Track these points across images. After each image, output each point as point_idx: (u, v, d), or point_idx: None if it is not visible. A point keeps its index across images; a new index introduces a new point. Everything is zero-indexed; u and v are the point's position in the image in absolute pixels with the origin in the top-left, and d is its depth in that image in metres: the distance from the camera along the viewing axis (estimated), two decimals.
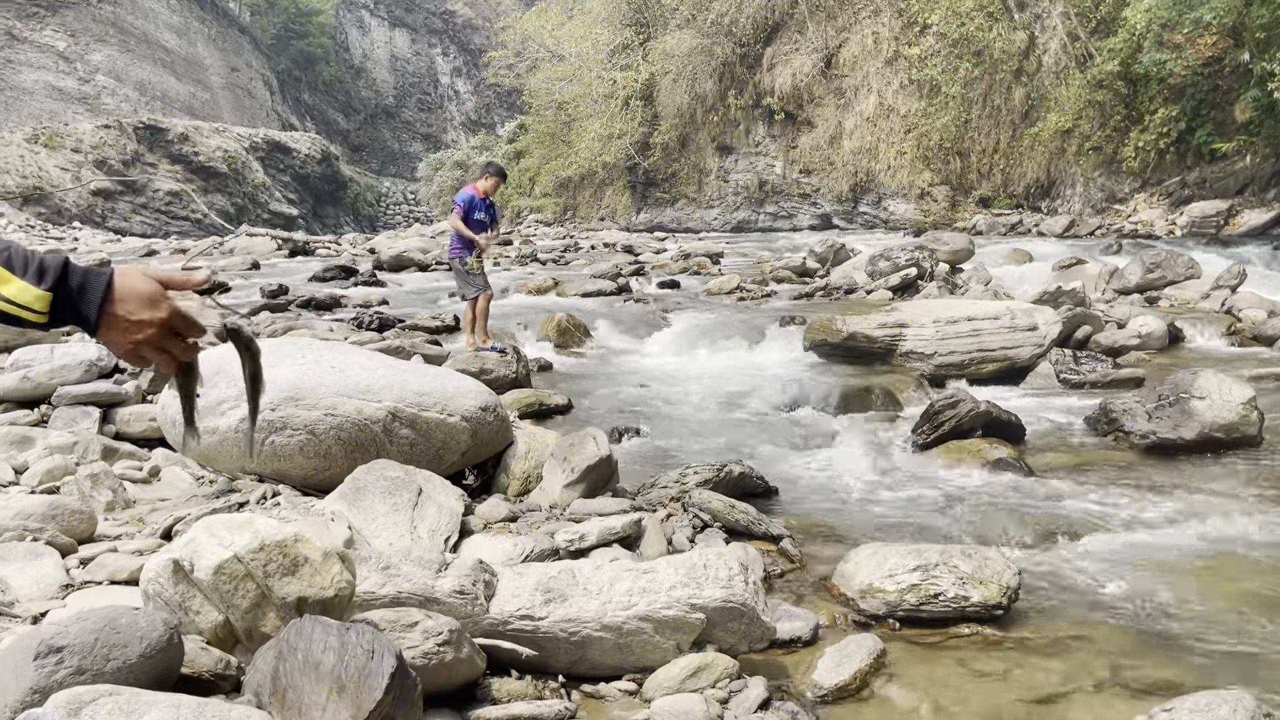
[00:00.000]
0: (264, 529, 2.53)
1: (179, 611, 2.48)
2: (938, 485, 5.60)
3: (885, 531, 4.75)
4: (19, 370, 6.21)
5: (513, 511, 4.74)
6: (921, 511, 5.08)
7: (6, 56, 49.76)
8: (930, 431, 6.39)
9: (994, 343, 9.11)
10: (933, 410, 6.47)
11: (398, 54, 76.91)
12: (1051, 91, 25.84)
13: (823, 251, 17.32)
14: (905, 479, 5.78)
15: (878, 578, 3.75)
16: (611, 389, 8.46)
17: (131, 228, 45.68)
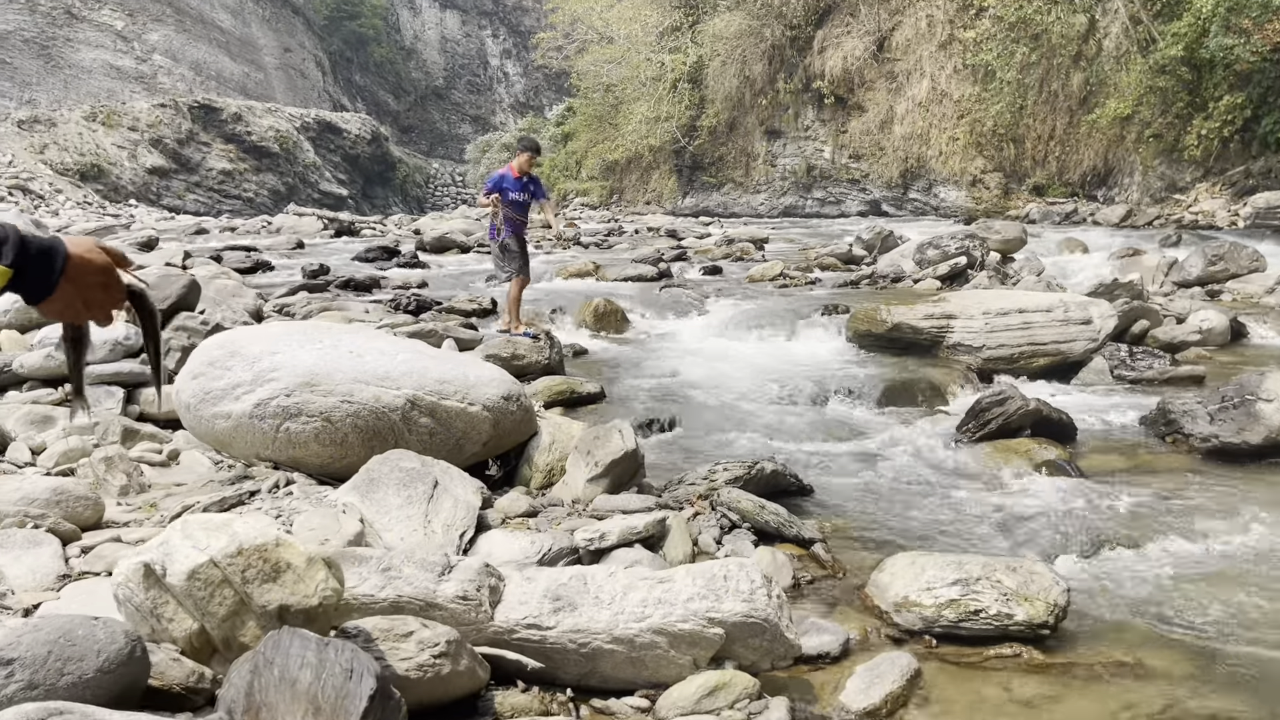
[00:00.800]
0: (243, 532, 2.35)
1: (150, 619, 2.32)
2: (982, 487, 5.31)
3: (925, 537, 4.49)
4: (44, 348, 6.14)
5: (533, 506, 4.55)
6: (964, 516, 4.81)
7: (66, 35, 50.55)
8: (976, 430, 6.10)
9: (1046, 336, 8.76)
10: (979, 407, 6.18)
11: (448, 35, 77.04)
12: (1111, 77, 25.06)
13: (869, 238, 16.91)
14: (948, 480, 5.50)
15: (914, 590, 3.51)
16: (646, 377, 8.24)
17: (185, 205, 46.34)
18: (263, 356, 4.59)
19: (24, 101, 46.52)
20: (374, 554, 3.03)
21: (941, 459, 5.93)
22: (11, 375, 5.97)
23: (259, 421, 4.52)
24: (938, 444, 6.23)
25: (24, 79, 48.23)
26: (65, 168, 42.61)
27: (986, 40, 27.56)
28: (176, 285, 7.19)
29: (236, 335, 4.89)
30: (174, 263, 14.18)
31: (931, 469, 5.72)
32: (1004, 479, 5.45)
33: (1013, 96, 27.12)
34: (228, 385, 4.58)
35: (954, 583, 3.46)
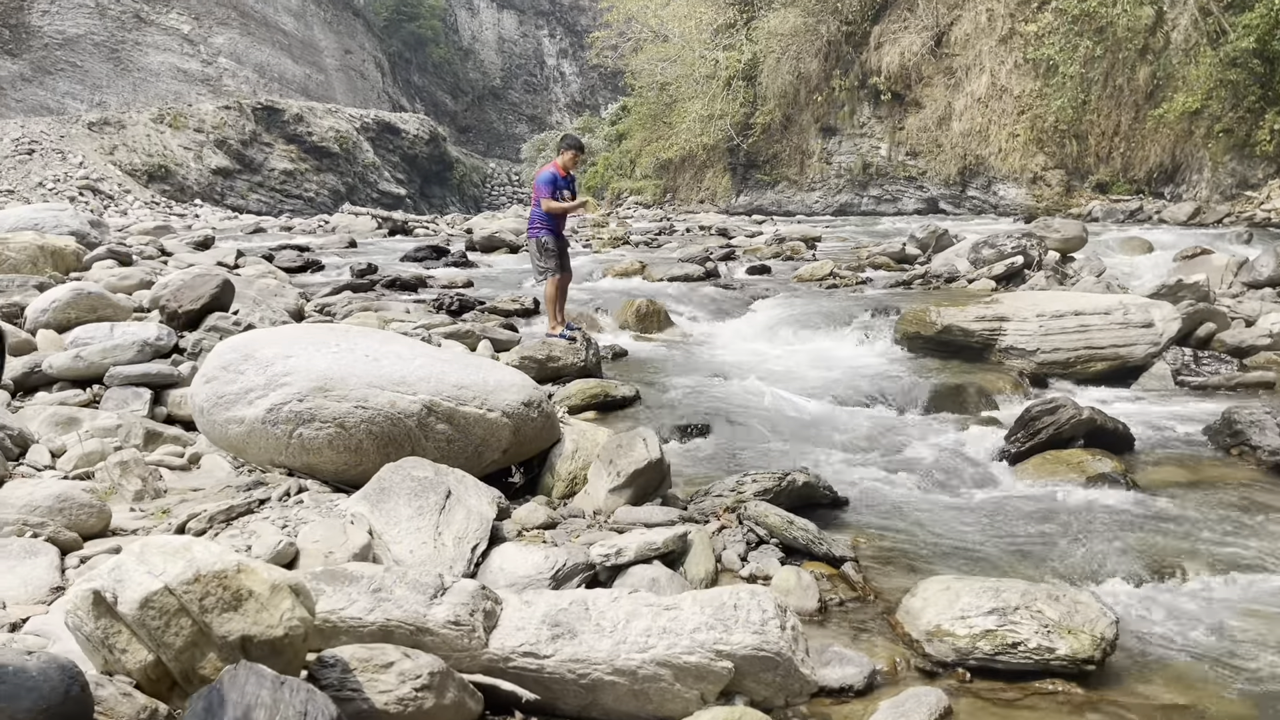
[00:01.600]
0: (201, 557, 2.21)
1: (102, 649, 2.19)
2: (1029, 502, 5.01)
3: (963, 556, 4.22)
4: (74, 349, 6.13)
5: (551, 518, 4.37)
6: (1008, 534, 4.52)
7: (135, 39, 51.79)
8: (1025, 439, 5.79)
9: (1104, 339, 8.38)
10: (1029, 416, 5.86)
11: (505, 35, 77.48)
12: (1179, 70, 24.20)
13: (923, 237, 16.47)
14: (993, 494, 5.21)
15: (947, 618, 3.26)
16: (685, 380, 8.03)
17: (248, 205, 47.17)
18: (276, 360, 4.48)
19: (94, 104, 47.73)
20: (366, 573, 2.87)
21: (987, 470, 5.63)
22: (42, 376, 5.96)
23: (272, 427, 4.41)
24: (984, 454, 5.93)
25: (94, 82, 49.49)
26: (134, 168, 43.61)
27: (1049, 34, 26.82)
28: (209, 285, 7.16)
29: (251, 338, 4.79)
30: (225, 261, 14.33)
31: (975, 481, 5.42)
32: (1052, 493, 5.14)
33: (1076, 91, 26.35)
34: (241, 390, 4.47)
35: (990, 611, 3.20)
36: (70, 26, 48.46)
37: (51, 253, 11.64)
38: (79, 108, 46.68)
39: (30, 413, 5.43)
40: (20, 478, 4.55)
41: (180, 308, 7.11)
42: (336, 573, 2.85)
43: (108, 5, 50.17)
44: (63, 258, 11.69)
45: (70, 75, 48.29)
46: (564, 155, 8.84)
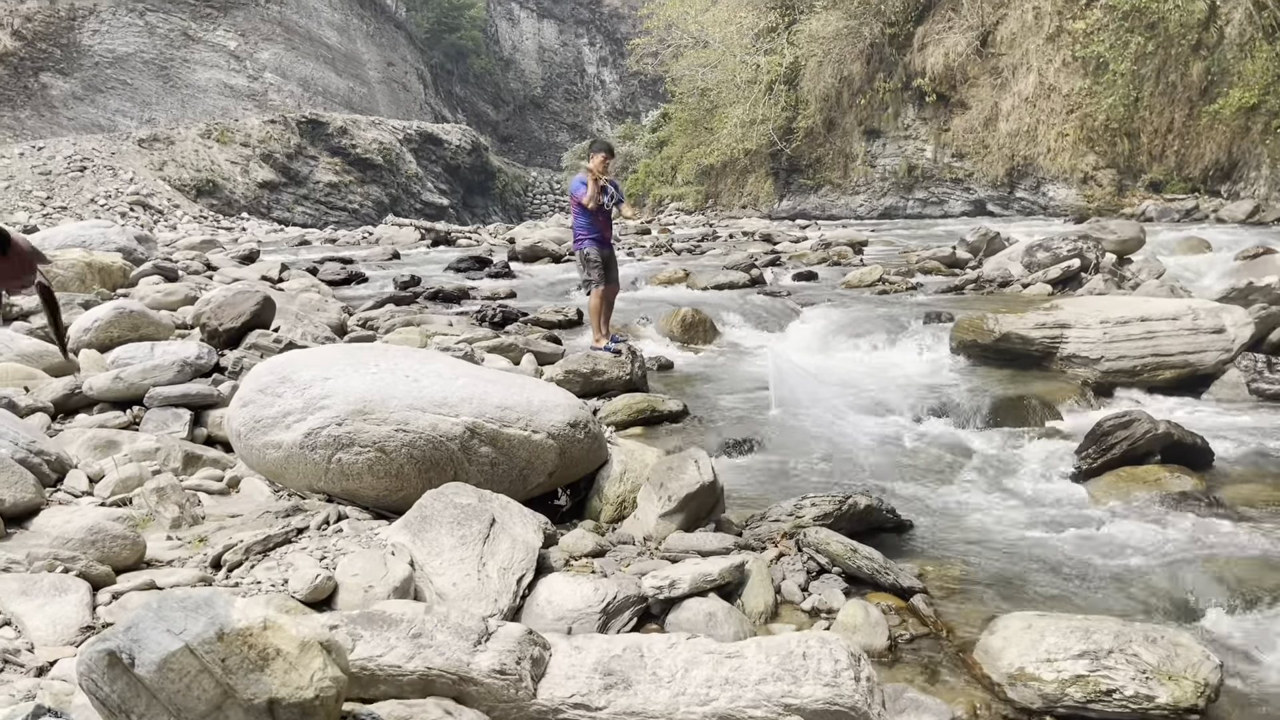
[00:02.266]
0: (224, 614, 2.04)
1: (119, 715, 2.02)
2: (1106, 524, 4.71)
3: (1038, 586, 3.94)
4: (114, 369, 6.05)
5: (600, 545, 4.16)
6: (1085, 560, 4.24)
7: (184, 56, 52.65)
8: (1097, 455, 5.48)
9: (1172, 346, 8.01)
10: (1101, 430, 5.56)
11: (545, 45, 77.78)
12: (1235, 65, 23.51)
13: (974, 241, 16.09)
14: (1066, 514, 4.91)
15: (1032, 660, 3.00)
16: (733, 392, 7.80)
17: (294, 218, 47.68)
18: (314, 382, 4.33)
19: (144, 121, 48.54)
20: (406, 616, 2.69)
21: (1057, 489, 5.34)
22: (82, 397, 5.88)
23: (310, 452, 4.26)
24: (1053, 471, 5.64)
25: (144, 99, 50.36)
26: (182, 184, 44.25)
27: (1098, 31, 26.21)
28: (249, 303, 7.07)
29: (288, 359, 4.64)
30: (269, 275, 14.36)
31: (1046, 501, 5.14)
32: (1130, 514, 4.84)
33: (1126, 89, 25.72)
34: (278, 413, 4.32)
35: (1080, 655, 2.94)
36: (120, 45, 49.38)
37: (99, 269, 11.70)
38: (129, 125, 47.51)
39: (70, 435, 5.34)
40: (57, 505, 4.44)
41: (221, 325, 7.03)
42: (374, 616, 2.67)
43: (156, 24, 51.05)
44: (110, 274, 11.75)
45: (121, 93, 49.18)
46: (594, 159, 8.68)
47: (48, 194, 37.26)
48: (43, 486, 4.51)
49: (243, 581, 3.55)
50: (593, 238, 8.64)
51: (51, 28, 46.62)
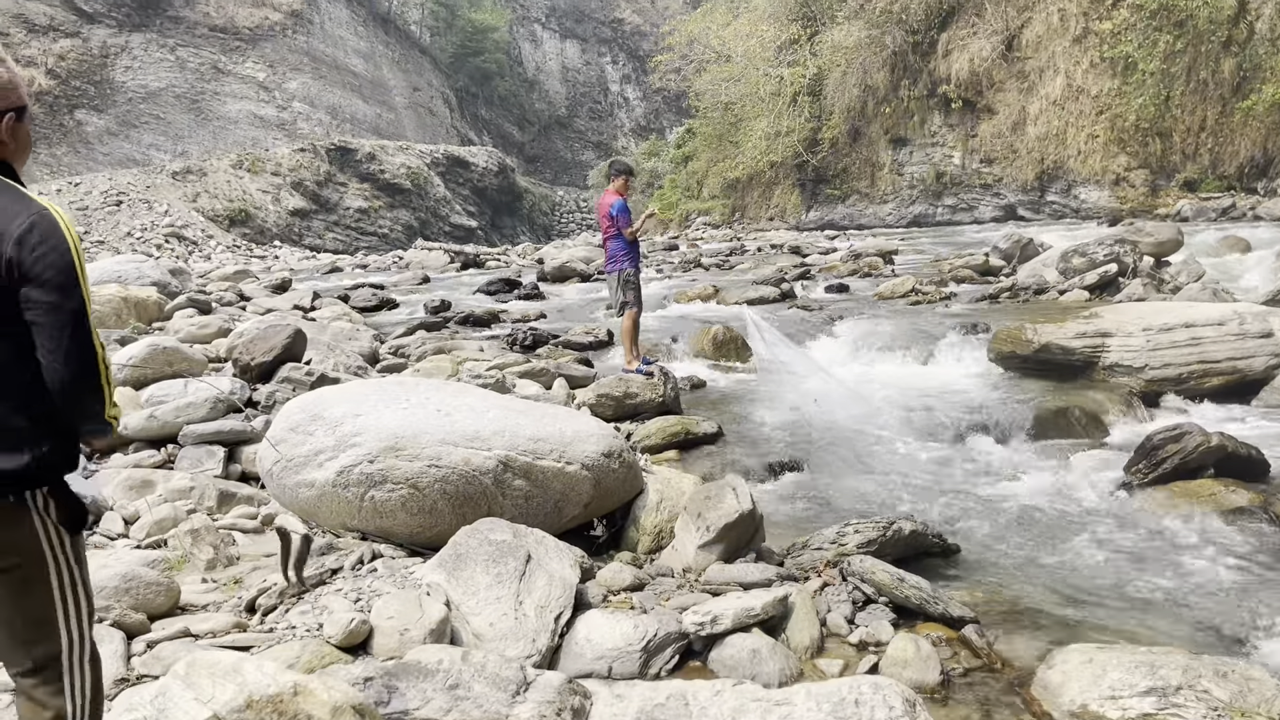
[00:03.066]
0: (254, 679, 1.97)
1: None
2: (1161, 543, 4.56)
3: (1099, 615, 3.79)
4: (148, 408, 6.05)
5: (638, 578, 4.06)
6: (1143, 583, 4.09)
7: (214, 89, 53.48)
8: (1148, 470, 5.32)
9: (1218, 352, 7.82)
10: (1151, 444, 5.39)
11: (569, 65, 78.23)
12: (1267, 60, 23.14)
13: (1007, 247, 15.86)
14: (1118, 533, 4.76)
15: (1094, 697, 2.87)
16: (768, 412, 7.68)
17: (325, 244, 48.14)
18: (345, 420, 4.28)
19: (177, 153, 49.30)
20: (443, 665, 2.61)
21: (1107, 506, 5.18)
22: (118, 437, 5.88)
23: (343, 490, 4.20)
24: (1102, 488, 5.48)
25: (176, 132, 51.16)
26: (215, 214, 44.81)
27: (1125, 31, 25.89)
28: (280, 337, 7.06)
29: (318, 397, 4.60)
30: (301, 304, 14.44)
31: (1096, 520, 4.98)
32: (1186, 532, 4.68)
33: (1157, 88, 25.36)
34: (310, 451, 4.27)
35: (1147, 691, 2.80)
36: (153, 80, 50.24)
37: (135, 304, 11.80)
38: (163, 158, 48.25)
39: (105, 476, 5.33)
40: (94, 549, 4.42)
41: (253, 360, 7.02)
42: (410, 666, 2.60)
43: (187, 58, 51.90)
44: (145, 308, 11.85)
45: (154, 127, 50.00)
46: (616, 181, 8.63)
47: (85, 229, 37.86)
48: None
49: (277, 627, 3.50)
50: (630, 258, 8.55)
51: (85, 66, 47.52)
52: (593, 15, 77.55)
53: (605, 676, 3.31)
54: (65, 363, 2.00)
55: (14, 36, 45.26)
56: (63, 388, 2.03)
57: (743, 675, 3.26)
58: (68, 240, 2.02)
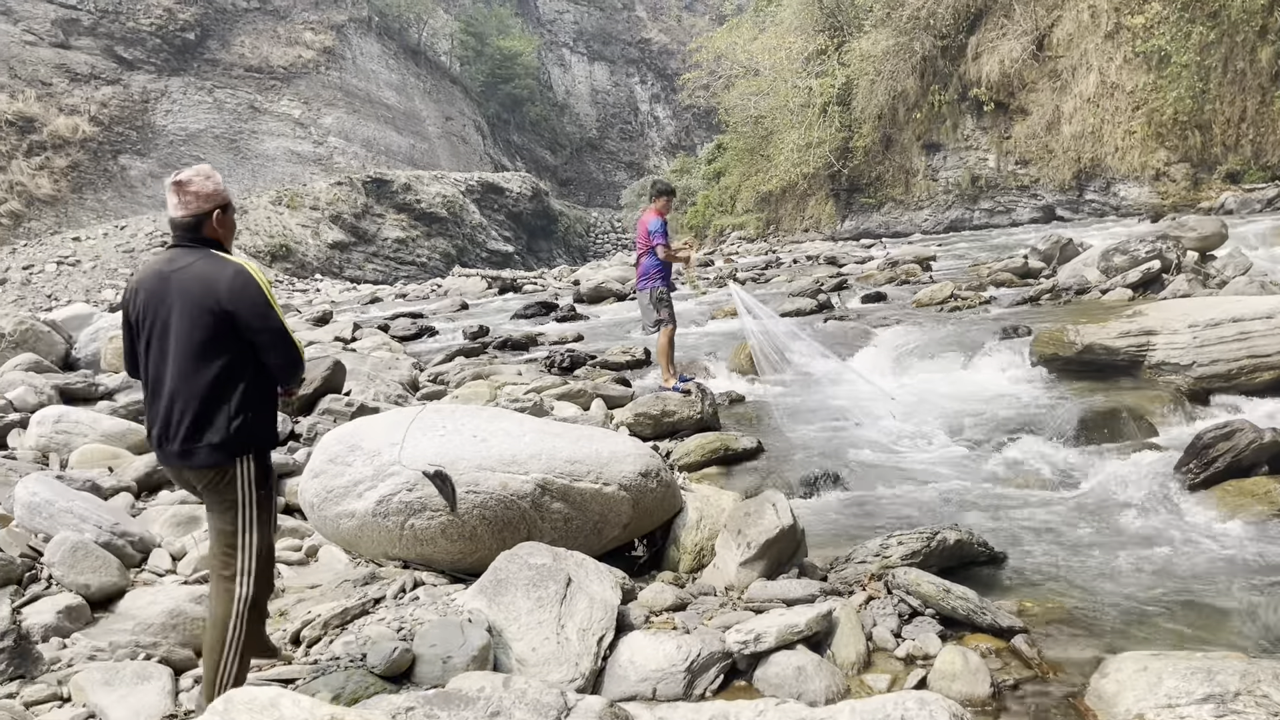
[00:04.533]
0: (290, 715, 1.97)
1: None
2: (1214, 544, 4.44)
3: (1153, 621, 3.70)
4: None
5: (680, 598, 4.04)
6: (1198, 588, 3.98)
7: (251, 128, 54.51)
8: (1199, 470, 5.20)
9: (1269, 346, 7.62)
10: (1201, 443, 5.27)
11: (598, 87, 78.78)
12: None
13: (1046, 249, 15.65)
14: (1170, 536, 4.65)
15: (1151, 706, 2.79)
16: (807, 425, 7.63)
17: (365, 275, 48.72)
18: (383, 449, 4.31)
19: None
20: (484, 693, 2.61)
21: (1158, 509, 5.06)
22: (163, 475, 5.95)
23: (383, 519, 4.23)
24: (1151, 489, 5.35)
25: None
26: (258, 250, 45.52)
27: (1158, 24, 25.52)
28: (320, 369, 7.15)
29: (356, 427, 4.64)
30: (342, 335, 14.61)
31: (1146, 522, 4.87)
32: (1240, 532, 4.56)
33: (1193, 80, 24.95)
34: (349, 482, 4.31)
35: (1205, 699, 2.72)
36: (192, 123, 51.34)
37: None
38: None
39: (152, 514, 5.41)
40: (142, 585, 4.49)
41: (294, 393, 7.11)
42: (451, 695, 2.59)
43: (224, 99, 52.98)
44: None
45: None
46: (659, 201, 8.66)
47: (132, 270, 38.66)
48: (127, 568, 4.56)
49: (321, 658, 3.52)
50: (663, 275, 8.55)
51: (127, 111, 48.67)
52: (620, 37, 78.12)
53: (650, 698, 3.29)
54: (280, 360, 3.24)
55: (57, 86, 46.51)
56: (281, 374, 3.31)
57: (788, 693, 3.22)
58: (257, 283, 3.17)
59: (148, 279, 3.22)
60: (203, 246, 3.23)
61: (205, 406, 3.10)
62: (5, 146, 43.01)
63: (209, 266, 3.15)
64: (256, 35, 56.31)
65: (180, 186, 3.26)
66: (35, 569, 4.38)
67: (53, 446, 6.50)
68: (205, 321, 3.09)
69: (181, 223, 3.24)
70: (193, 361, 3.10)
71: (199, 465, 3.12)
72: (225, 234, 3.30)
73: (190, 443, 3.10)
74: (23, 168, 43.27)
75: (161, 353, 3.15)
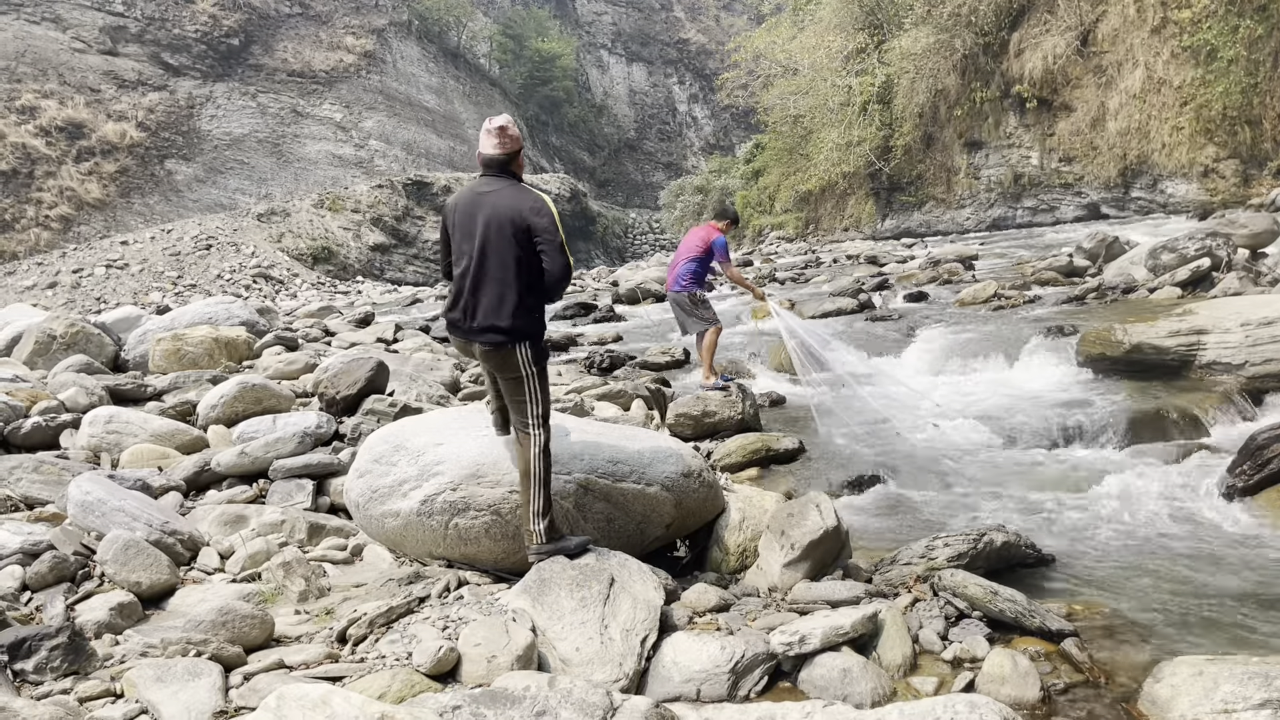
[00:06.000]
0: (341, 712, 1.99)
1: None
2: (1269, 548, 4.35)
3: (1207, 625, 3.63)
4: (239, 444, 6.22)
5: (723, 599, 4.02)
6: (1254, 592, 3.90)
7: (294, 132, 55.25)
8: (1253, 471, 5.09)
9: None
10: (1255, 444, 5.16)
11: (636, 88, 78.88)
12: None
13: (1092, 247, 15.40)
14: (1223, 539, 4.56)
15: (1206, 711, 2.74)
16: (849, 424, 7.57)
17: (405, 277, 49.20)
18: (427, 449, 4.34)
19: (261, 196, 51.01)
20: (530, 692, 2.61)
21: (1211, 511, 4.97)
22: (211, 474, 6.05)
23: (427, 519, 4.26)
24: (1204, 490, 5.26)
25: (260, 176, 52.92)
26: (300, 253, 46.16)
27: (1206, 18, 25.03)
28: (364, 370, 7.21)
29: (400, 428, 4.67)
30: (384, 337, 14.75)
31: (1198, 525, 4.78)
32: None
33: (1241, 75, 24.44)
34: (394, 482, 4.35)
35: (1262, 704, 2.66)
36: (236, 127, 52.12)
37: (225, 344, 12.16)
38: (248, 201, 49.95)
39: (201, 513, 5.49)
40: (191, 583, 4.55)
41: (338, 393, 7.18)
42: (497, 694, 2.60)
43: (268, 104, 53.73)
44: (235, 348, 12.20)
45: (238, 172, 51.81)
46: (724, 221, 8.81)
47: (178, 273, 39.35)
48: (177, 566, 4.63)
49: (368, 656, 3.55)
50: (699, 281, 8.56)
51: (173, 117, 49.52)
52: (658, 37, 78.16)
53: (694, 699, 3.28)
54: (554, 266, 3.97)
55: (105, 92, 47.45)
56: (554, 280, 3.99)
57: (834, 696, 3.19)
58: (550, 209, 4.00)
59: (465, 197, 4.15)
60: (510, 178, 4.14)
61: (499, 300, 3.93)
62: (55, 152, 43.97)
63: (518, 193, 4.04)
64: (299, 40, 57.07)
65: (502, 130, 4.13)
66: (88, 566, 4.47)
67: (104, 446, 6.62)
68: (509, 232, 3.93)
69: (495, 160, 4.13)
70: (496, 263, 3.95)
71: (488, 344, 3.98)
72: (520, 170, 4.22)
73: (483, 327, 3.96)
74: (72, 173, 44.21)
75: (470, 255, 4.00)
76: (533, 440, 3.93)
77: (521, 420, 3.98)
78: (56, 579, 4.29)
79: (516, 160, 4.19)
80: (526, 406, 3.96)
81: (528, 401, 3.96)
